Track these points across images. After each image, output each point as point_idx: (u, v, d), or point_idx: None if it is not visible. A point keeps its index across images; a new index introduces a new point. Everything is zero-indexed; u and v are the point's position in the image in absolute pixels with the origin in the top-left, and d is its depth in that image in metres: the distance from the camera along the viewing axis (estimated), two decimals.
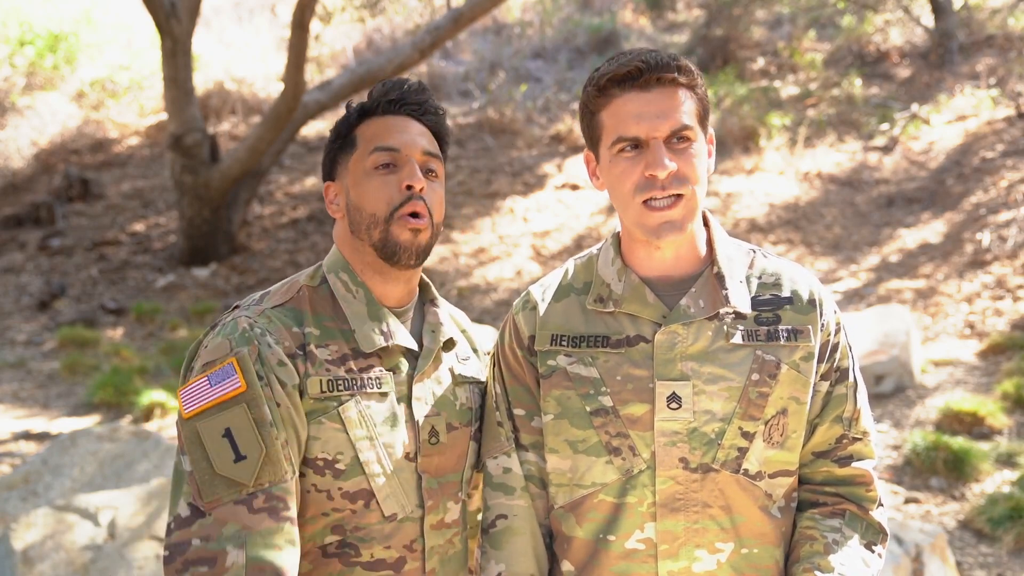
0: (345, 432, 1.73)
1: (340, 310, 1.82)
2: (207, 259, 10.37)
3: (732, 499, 1.75)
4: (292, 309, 1.80)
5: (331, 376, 1.74)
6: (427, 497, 1.82)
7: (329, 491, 1.74)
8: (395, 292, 1.88)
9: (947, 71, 12.02)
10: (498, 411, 1.89)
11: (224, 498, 1.61)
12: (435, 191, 1.86)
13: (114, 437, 5.17)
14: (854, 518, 1.81)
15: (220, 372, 1.68)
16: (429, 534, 1.82)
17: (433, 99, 1.93)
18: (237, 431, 1.64)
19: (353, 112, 1.90)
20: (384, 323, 1.82)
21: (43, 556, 3.82)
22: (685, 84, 1.74)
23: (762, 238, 9.61)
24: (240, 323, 1.74)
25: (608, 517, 1.77)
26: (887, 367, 6.34)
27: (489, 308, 8.89)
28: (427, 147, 1.87)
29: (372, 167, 1.83)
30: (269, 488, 1.63)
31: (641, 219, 1.74)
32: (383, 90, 1.89)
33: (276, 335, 1.73)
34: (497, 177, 11.37)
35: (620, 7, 15.02)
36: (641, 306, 1.79)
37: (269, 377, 1.69)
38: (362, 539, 1.75)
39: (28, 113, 13.10)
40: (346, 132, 1.89)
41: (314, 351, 1.75)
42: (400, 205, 1.80)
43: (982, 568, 4.50)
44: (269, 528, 1.60)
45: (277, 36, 14.39)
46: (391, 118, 1.87)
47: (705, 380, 1.74)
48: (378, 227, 1.80)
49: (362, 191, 1.83)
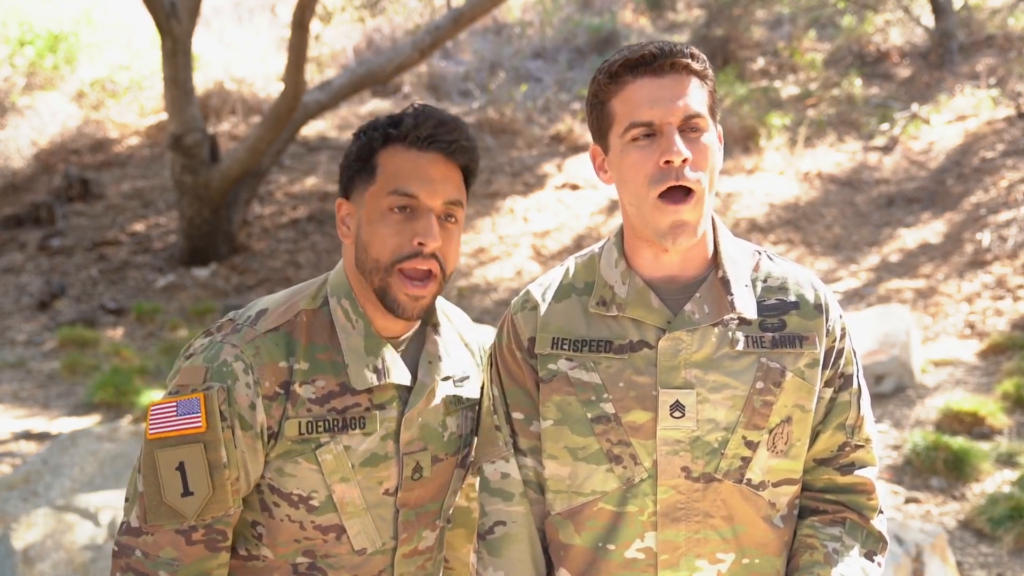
0: (321, 473, 1.72)
1: (336, 339, 1.76)
2: (207, 259, 10.37)
3: (734, 509, 1.72)
4: (285, 335, 1.74)
5: (311, 417, 1.72)
6: (402, 530, 1.81)
7: (302, 522, 1.75)
8: (396, 326, 1.82)
9: (947, 71, 12.01)
10: (496, 415, 1.83)
11: (166, 525, 1.67)
12: (451, 239, 1.75)
13: (114, 437, 5.17)
14: (855, 527, 1.78)
15: (187, 403, 1.68)
16: (399, 563, 1.83)
17: (467, 136, 1.77)
18: (190, 467, 1.67)
19: (378, 135, 1.76)
20: (380, 359, 1.76)
21: (43, 556, 3.82)
22: (698, 73, 1.71)
23: (762, 238, 9.61)
24: (224, 353, 1.71)
25: (608, 526, 1.74)
26: (887, 367, 6.34)
27: (489, 308, 8.89)
28: (450, 195, 1.74)
29: (388, 208, 1.72)
30: (211, 523, 1.68)
31: (654, 218, 1.68)
32: (414, 123, 1.74)
33: (259, 372, 1.70)
34: (497, 177, 11.37)
35: (620, 7, 15.02)
36: (645, 311, 1.74)
37: (233, 420, 1.69)
38: (331, 565, 1.78)
39: (28, 113, 13.09)
40: (368, 156, 1.76)
41: (297, 391, 1.72)
42: (406, 258, 1.71)
43: (982, 568, 4.50)
44: (203, 557, 1.69)
45: (277, 36, 14.38)
46: (418, 154, 1.73)
47: (709, 388, 1.70)
48: (378, 274, 1.73)
49: (373, 231, 1.73)
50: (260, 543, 1.77)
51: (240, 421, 1.69)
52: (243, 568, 1.79)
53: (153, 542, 1.67)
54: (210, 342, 1.75)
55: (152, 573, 1.66)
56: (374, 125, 1.78)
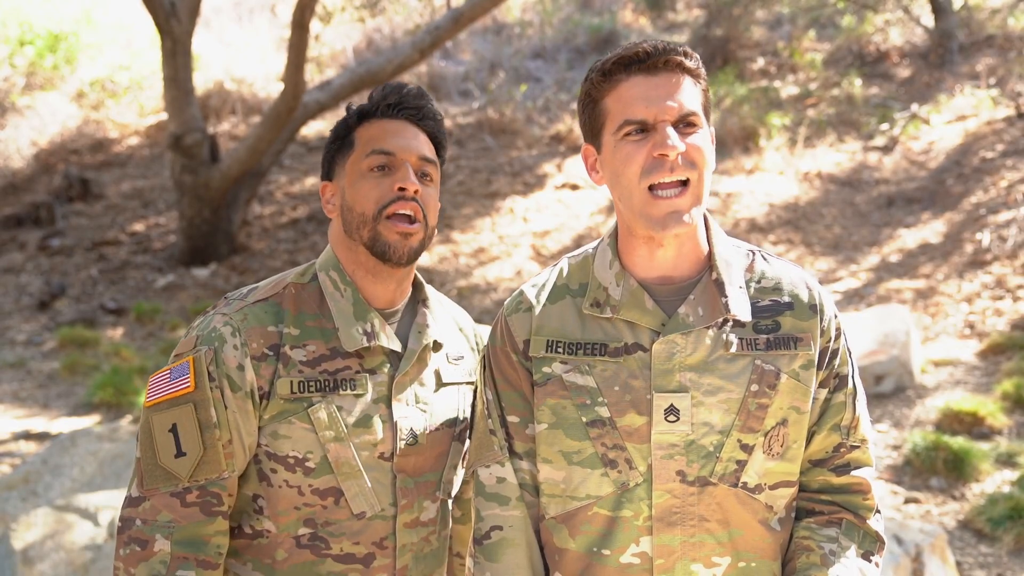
0: (314, 432, 1.78)
1: (326, 307, 1.85)
2: (207, 259, 10.37)
3: (730, 513, 1.71)
4: (274, 305, 1.83)
5: (303, 378, 1.78)
6: (401, 496, 1.84)
7: (300, 487, 1.79)
8: (385, 293, 1.89)
9: (947, 71, 12.01)
10: (490, 418, 1.81)
11: (161, 488, 1.74)
12: (430, 195, 1.89)
13: (114, 437, 5.17)
14: (851, 527, 1.77)
15: (178, 368, 1.77)
16: (401, 532, 1.85)
17: (432, 104, 1.95)
18: (182, 428, 1.74)
19: (352, 114, 1.92)
20: (368, 323, 1.84)
21: (43, 556, 3.82)
22: (691, 72, 1.71)
23: (762, 238, 9.61)
24: (215, 320, 1.81)
25: (602, 530, 1.72)
26: (887, 367, 6.34)
27: (489, 308, 8.89)
28: (423, 152, 1.89)
29: (367, 169, 1.86)
30: (204, 485, 1.73)
31: (646, 208, 1.67)
32: (382, 94, 1.91)
33: (247, 335, 1.78)
34: (497, 177, 11.36)
35: (620, 7, 15.01)
36: (640, 313, 1.73)
37: (221, 381, 1.76)
38: (332, 533, 1.81)
39: (28, 113, 13.09)
40: (345, 133, 1.92)
41: (288, 352, 1.79)
42: (389, 204, 1.82)
43: (982, 568, 4.50)
44: (199, 521, 1.73)
45: (277, 36, 14.37)
46: (389, 122, 1.89)
47: (704, 391, 1.69)
48: (367, 226, 1.83)
49: (355, 191, 1.86)
50: (262, 516, 1.81)
51: (229, 382, 1.76)
52: (248, 547, 1.83)
53: (151, 507, 1.73)
54: (203, 318, 1.86)
55: (150, 537, 1.71)
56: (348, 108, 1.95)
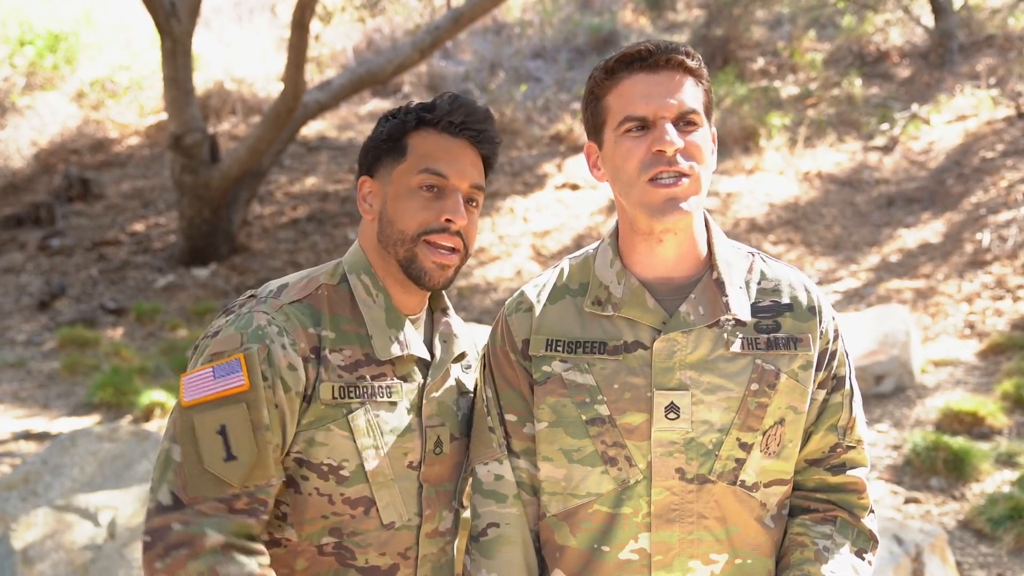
0: (352, 440, 1.72)
1: (358, 312, 1.80)
2: (207, 259, 10.37)
3: (728, 510, 1.72)
4: (310, 307, 1.77)
5: (343, 383, 1.73)
6: (426, 506, 1.81)
7: (331, 496, 1.73)
8: (412, 302, 1.86)
9: (947, 71, 12.01)
10: (489, 416, 1.84)
11: (208, 495, 1.60)
12: (472, 222, 1.84)
13: (114, 437, 5.17)
14: (845, 525, 1.79)
15: (226, 366, 1.65)
16: (424, 542, 1.82)
17: (494, 129, 1.87)
18: (232, 430, 1.62)
19: (411, 117, 1.82)
20: (401, 331, 1.80)
21: (43, 556, 3.82)
22: (693, 71, 1.73)
23: (762, 238, 9.61)
24: (257, 318, 1.72)
25: (602, 527, 1.74)
26: (887, 367, 6.34)
27: (489, 308, 8.89)
28: (476, 179, 1.83)
29: (417, 186, 1.79)
30: (254, 492, 1.63)
31: (645, 197, 1.69)
32: (448, 107, 1.82)
33: (293, 335, 1.71)
34: (497, 177, 11.37)
35: (620, 7, 15.02)
36: (641, 311, 1.74)
37: (274, 380, 1.67)
38: (358, 544, 1.75)
39: (28, 113, 13.10)
40: (399, 136, 1.82)
41: (327, 356, 1.73)
42: (432, 231, 1.77)
43: (982, 568, 4.50)
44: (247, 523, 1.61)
45: (277, 36, 14.38)
46: (449, 139, 1.81)
47: (704, 390, 1.71)
48: (404, 245, 1.78)
49: (400, 207, 1.79)
50: (284, 523, 1.73)
51: (282, 383, 1.67)
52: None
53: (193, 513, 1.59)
54: (236, 316, 1.76)
55: (197, 535, 1.56)
56: (407, 109, 1.85)
